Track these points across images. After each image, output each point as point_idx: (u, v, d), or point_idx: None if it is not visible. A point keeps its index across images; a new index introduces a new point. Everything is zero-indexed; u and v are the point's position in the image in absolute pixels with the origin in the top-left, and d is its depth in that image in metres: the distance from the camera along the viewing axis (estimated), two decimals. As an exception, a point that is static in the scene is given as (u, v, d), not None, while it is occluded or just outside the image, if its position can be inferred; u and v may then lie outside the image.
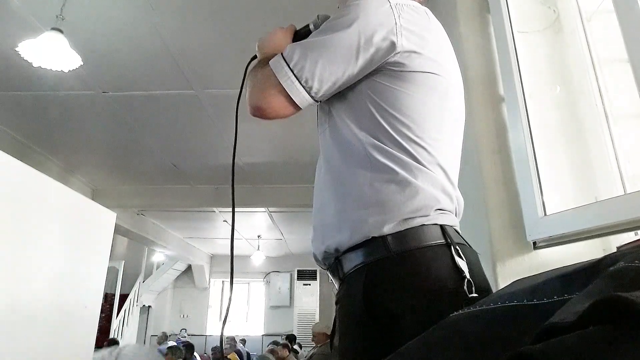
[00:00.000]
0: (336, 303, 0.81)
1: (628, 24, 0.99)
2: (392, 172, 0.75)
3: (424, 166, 0.76)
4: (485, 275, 0.76)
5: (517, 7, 1.46)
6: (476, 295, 0.67)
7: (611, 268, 0.38)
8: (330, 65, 0.77)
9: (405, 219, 0.72)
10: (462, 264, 0.69)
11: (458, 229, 0.80)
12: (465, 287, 0.67)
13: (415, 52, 0.78)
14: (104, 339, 6.29)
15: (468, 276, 0.68)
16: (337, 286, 0.83)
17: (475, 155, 1.38)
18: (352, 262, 0.76)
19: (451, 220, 0.77)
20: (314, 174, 0.91)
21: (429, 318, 0.59)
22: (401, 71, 0.78)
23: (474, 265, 0.73)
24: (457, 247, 0.72)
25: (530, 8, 1.47)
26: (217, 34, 2.85)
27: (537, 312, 0.40)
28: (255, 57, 0.97)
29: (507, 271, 1.23)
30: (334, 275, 0.83)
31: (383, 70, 0.79)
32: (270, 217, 6.96)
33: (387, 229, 0.72)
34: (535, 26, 1.44)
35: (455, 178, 0.83)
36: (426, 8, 0.87)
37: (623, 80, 1.22)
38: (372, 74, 0.80)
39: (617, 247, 1.14)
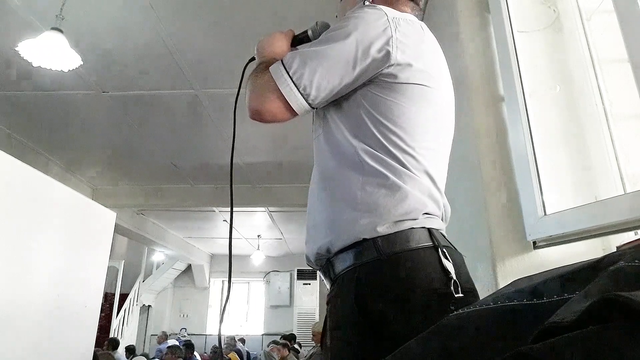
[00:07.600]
0: (327, 303, 0.83)
1: (628, 24, 0.99)
2: (383, 176, 0.78)
3: (413, 173, 0.79)
4: (470, 276, 0.79)
5: (517, 6, 1.45)
6: (462, 295, 0.70)
7: (611, 267, 0.38)
8: (328, 74, 0.79)
9: (396, 222, 0.75)
10: (449, 265, 0.73)
11: (444, 232, 0.83)
12: (452, 288, 0.70)
13: (408, 64, 0.81)
14: (104, 338, 6.29)
15: (454, 277, 0.72)
16: (328, 287, 0.85)
17: (475, 155, 1.37)
18: (343, 263, 0.78)
19: (438, 224, 0.80)
20: (313, 174, 0.92)
21: (418, 317, 0.65)
22: (394, 83, 0.81)
23: (459, 266, 0.76)
24: (444, 249, 0.75)
25: (530, 7, 1.47)
26: (217, 34, 2.85)
27: (537, 311, 0.41)
28: (253, 59, 0.99)
29: (507, 271, 1.23)
30: (325, 276, 0.86)
31: (377, 82, 0.82)
32: (270, 216, 6.96)
33: (378, 230, 0.75)
34: (535, 26, 1.44)
35: (442, 185, 0.86)
36: (422, 22, 0.90)
37: (623, 80, 1.22)
38: (366, 84, 0.83)
39: (617, 247, 1.14)
